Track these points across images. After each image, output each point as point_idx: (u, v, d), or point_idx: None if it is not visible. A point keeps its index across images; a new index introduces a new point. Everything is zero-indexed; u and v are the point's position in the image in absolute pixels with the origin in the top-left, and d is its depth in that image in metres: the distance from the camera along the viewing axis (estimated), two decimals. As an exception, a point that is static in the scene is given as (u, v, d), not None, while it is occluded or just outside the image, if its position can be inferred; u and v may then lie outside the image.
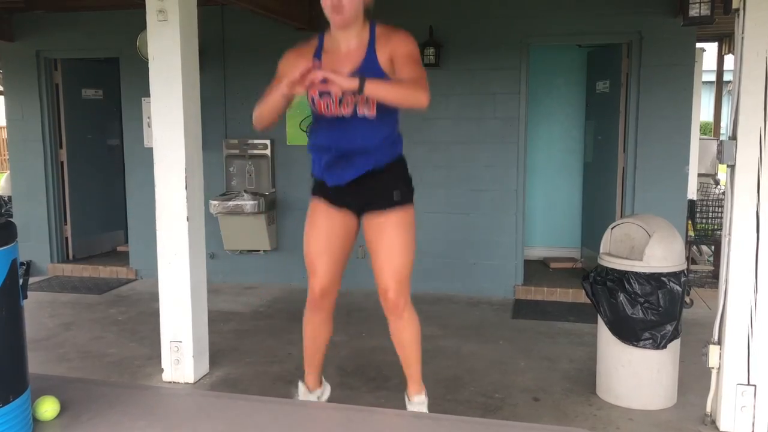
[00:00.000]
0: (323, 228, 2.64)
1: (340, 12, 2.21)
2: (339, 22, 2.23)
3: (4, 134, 11.84)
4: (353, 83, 2.06)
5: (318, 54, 2.39)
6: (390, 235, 2.54)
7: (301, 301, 2.97)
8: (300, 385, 3.19)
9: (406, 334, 2.79)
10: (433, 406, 3.11)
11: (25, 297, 1.48)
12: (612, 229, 3.74)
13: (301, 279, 5.97)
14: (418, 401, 2.99)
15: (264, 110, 2.33)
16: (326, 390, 3.27)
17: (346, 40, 2.30)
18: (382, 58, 2.29)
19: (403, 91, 2.17)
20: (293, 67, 2.18)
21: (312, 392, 3.16)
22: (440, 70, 5.67)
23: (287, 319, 5.09)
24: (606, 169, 5.97)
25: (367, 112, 2.35)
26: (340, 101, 2.34)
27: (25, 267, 6.31)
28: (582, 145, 6.73)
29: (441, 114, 5.74)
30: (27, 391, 1.48)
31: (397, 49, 2.25)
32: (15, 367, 1.44)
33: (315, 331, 2.92)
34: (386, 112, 2.38)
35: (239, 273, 6.29)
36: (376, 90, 2.12)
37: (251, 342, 4.66)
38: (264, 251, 6.16)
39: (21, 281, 1.46)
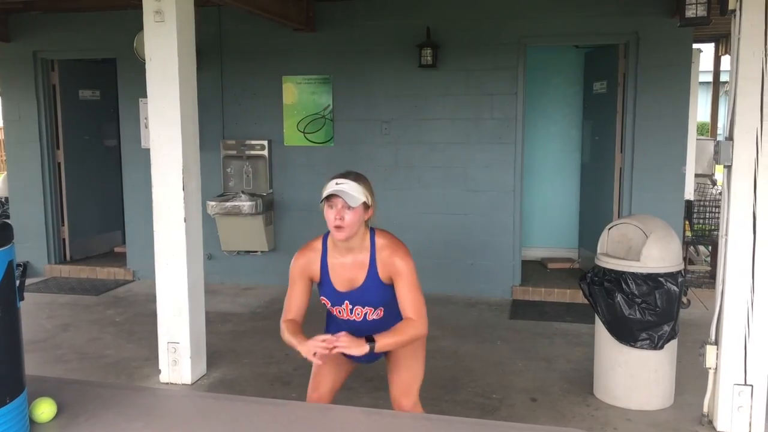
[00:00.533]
0: (330, 369, 2.78)
1: (341, 229, 2.47)
2: (341, 237, 2.49)
3: (1, 135, 11.83)
4: (365, 348, 2.36)
5: (324, 260, 2.61)
6: (402, 365, 2.76)
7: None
8: None
9: None
10: (430, 407, 3.11)
11: (22, 298, 1.48)
12: (609, 229, 3.74)
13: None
14: None
15: (288, 342, 2.54)
16: None
17: (349, 249, 2.57)
18: (383, 275, 2.56)
19: (406, 336, 2.50)
20: (304, 271, 2.58)
21: None
22: (437, 71, 5.67)
23: (285, 320, 5.08)
24: (603, 170, 5.98)
25: (376, 317, 2.63)
26: (351, 311, 2.63)
27: (21, 268, 6.30)
28: (579, 146, 6.73)
29: (438, 114, 5.75)
30: (23, 393, 1.48)
31: (396, 274, 2.54)
32: (12, 369, 1.44)
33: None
34: (392, 310, 2.61)
35: (237, 274, 6.29)
36: (385, 346, 2.45)
37: (249, 343, 4.66)
38: (261, 252, 6.16)
39: (18, 283, 1.46)
